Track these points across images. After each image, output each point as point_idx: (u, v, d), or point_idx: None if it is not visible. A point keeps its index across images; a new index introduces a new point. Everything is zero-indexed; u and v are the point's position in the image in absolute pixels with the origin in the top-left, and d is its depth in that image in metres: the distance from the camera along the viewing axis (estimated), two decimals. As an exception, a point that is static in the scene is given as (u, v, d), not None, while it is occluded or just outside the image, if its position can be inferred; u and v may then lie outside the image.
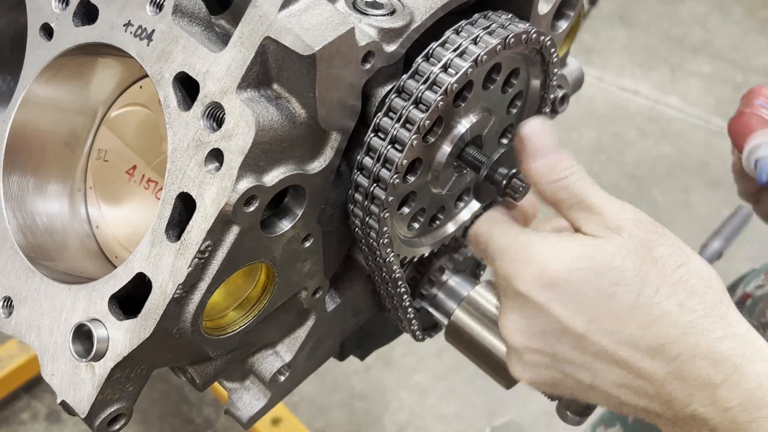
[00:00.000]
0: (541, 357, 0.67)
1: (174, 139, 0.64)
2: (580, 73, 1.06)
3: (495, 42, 0.71)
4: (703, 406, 0.60)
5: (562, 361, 0.66)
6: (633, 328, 0.62)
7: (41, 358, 0.70)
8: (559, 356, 0.66)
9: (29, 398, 2.27)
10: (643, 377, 0.62)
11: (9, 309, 0.73)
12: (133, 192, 0.81)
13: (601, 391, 0.65)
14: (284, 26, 0.61)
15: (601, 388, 0.65)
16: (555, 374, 0.68)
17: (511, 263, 0.67)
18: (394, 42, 0.69)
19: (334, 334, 0.94)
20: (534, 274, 0.64)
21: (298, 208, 0.70)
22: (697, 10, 3.99)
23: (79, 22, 0.73)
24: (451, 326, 0.95)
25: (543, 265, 0.64)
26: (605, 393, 0.66)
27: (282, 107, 0.64)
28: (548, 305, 0.64)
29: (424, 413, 2.32)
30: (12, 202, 0.77)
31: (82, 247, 0.82)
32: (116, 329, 0.66)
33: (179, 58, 0.65)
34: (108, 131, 0.83)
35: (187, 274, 0.63)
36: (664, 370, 0.61)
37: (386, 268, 0.82)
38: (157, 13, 0.67)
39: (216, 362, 0.81)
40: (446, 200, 0.87)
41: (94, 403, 0.67)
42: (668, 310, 0.62)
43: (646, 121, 3.37)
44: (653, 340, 0.61)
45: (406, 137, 0.70)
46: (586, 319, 0.63)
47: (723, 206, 2.95)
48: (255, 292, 0.75)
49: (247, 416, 0.88)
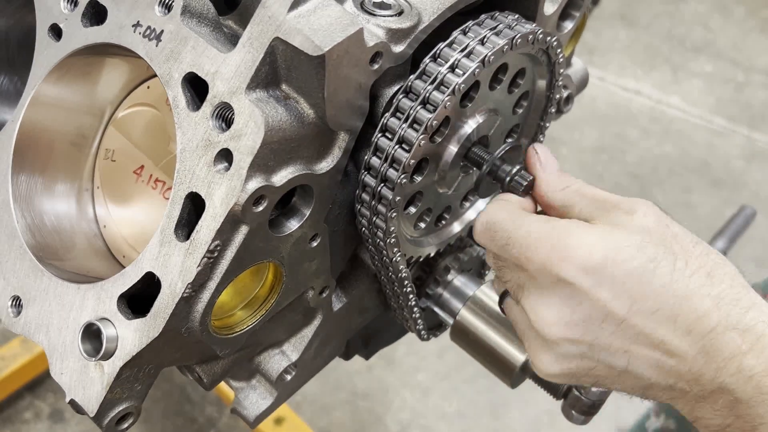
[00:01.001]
0: (578, 347, 0.66)
1: (183, 139, 0.64)
2: (585, 74, 1.07)
3: (502, 42, 0.71)
4: (729, 376, 0.61)
5: (599, 348, 0.65)
6: (671, 304, 0.62)
7: (50, 357, 0.70)
8: (598, 343, 0.65)
9: (32, 397, 2.28)
10: (678, 355, 0.63)
11: (18, 308, 0.73)
12: (141, 192, 0.81)
13: (634, 374, 0.65)
14: (293, 27, 0.61)
15: (635, 372, 0.65)
16: (588, 363, 0.67)
17: (552, 250, 0.65)
18: (402, 42, 0.70)
19: (340, 333, 0.94)
20: (580, 259, 0.64)
21: (306, 208, 0.70)
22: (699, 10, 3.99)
23: (87, 22, 0.73)
24: (457, 326, 0.95)
25: (588, 249, 0.64)
26: (637, 376, 0.66)
27: (291, 107, 0.64)
28: (593, 290, 0.63)
29: (426, 412, 2.33)
30: (21, 202, 0.77)
31: (90, 246, 0.82)
32: (125, 328, 0.66)
33: (188, 59, 0.65)
34: (116, 131, 0.83)
35: (197, 273, 0.63)
36: (698, 345, 0.62)
37: (392, 267, 0.83)
38: (166, 14, 0.67)
39: (223, 361, 0.81)
40: (452, 200, 0.87)
41: (102, 402, 0.67)
42: (700, 282, 0.63)
43: (648, 120, 3.37)
44: (690, 313, 0.62)
45: (414, 137, 0.70)
46: (628, 301, 0.63)
47: (725, 206, 2.96)
48: (263, 291, 0.76)
49: (253, 415, 0.88)
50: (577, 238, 0.65)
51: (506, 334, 0.92)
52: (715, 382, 0.62)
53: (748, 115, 3.42)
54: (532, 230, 0.67)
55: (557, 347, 0.67)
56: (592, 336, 0.65)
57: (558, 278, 0.65)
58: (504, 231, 0.69)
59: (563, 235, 0.65)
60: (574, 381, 0.70)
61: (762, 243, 2.76)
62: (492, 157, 0.77)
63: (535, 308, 0.68)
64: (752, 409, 0.61)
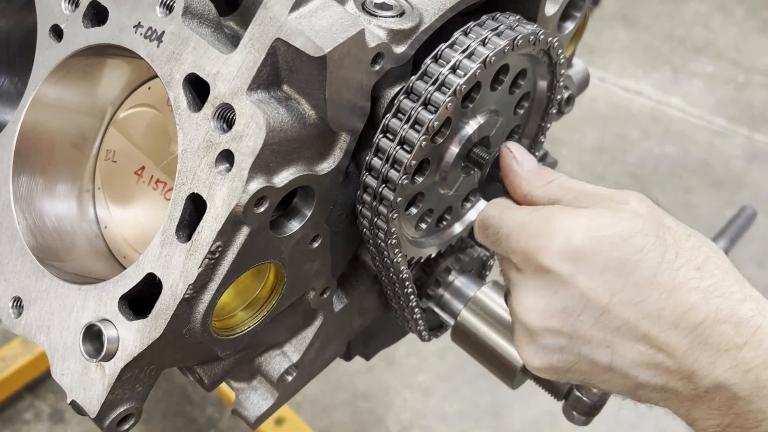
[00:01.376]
0: (557, 338, 0.65)
1: (184, 140, 0.64)
2: (586, 74, 1.07)
3: (503, 43, 0.71)
4: (725, 370, 0.59)
5: (579, 341, 0.64)
6: (656, 298, 0.61)
7: (51, 358, 0.70)
8: (578, 335, 0.63)
9: (33, 398, 2.27)
10: (665, 351, 0.61)
11: (19, 309, 0.73)
12: (142, 193, 0.81)
13: (619, 371, 0.64)
14: (295, 28, 0.61)
15: (619, 369, 0.63)
16: (569, 357, 0.65)
17: (531, 238, 0.64)
18: (403, 43, 0.70)
19: (341, 334, 0.94)
20: (559, 245, 0.62)
21: (308, 209, 0.70)
22: (700, 11, 3.99)
23: (88, 23, 0.73)
24: (458, 326, 0.95)
25: (567, 235, 0.62)
26: (623, 374, 0.64)
27: (292, 108, 0.64)
28: (573, 278, 0.62)
29: (427, 413, 2.32)
30: (21, 203, 0.77)
31: (91, 247, 0.82)
32: (126, 329, 0.66)
33: (189, 60, 0.65)
34: (116, 132, 0.83)
35: (198, 274, 0.63)
36: (687, 340, 0.60)
37: (393, 268, 0.83)
38: (167, 15, 0.67)
39: (224, 362, 0.81)
40: (453, 201, 0.87)
41: (104, 403, 0.67)
42: (689, 276, 0.61)
43: (648, 121, 3.37)
44: (676, 307, 0.60)
45: (415, 138, 0.70)
46: (609, 291, 0.61)
47: (725, 206, 2.95)
48: (264, 292, 0.76)
49: (254, 416, 0.88)
50: (558, 222, 0.63)
51: (507, 335, 0.92)
52: (710, 378, 0.60)
53: (748, 116, 3.42)
54: (516, 221, 0.67)
55: (538, 338, 0.66)
56: (571, 327, 0.63)
57: (537, 266, 0.64)
58: (494, 226, 0.69)
59: (543, 223, 0.64)
60: (560, 376, 0.68)
61: (762, 243, 2.75)
62: (491, 157, 0.77)
63: (519, 297, 0.67)
64: (753, 404, 0.59)
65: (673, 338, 0.61)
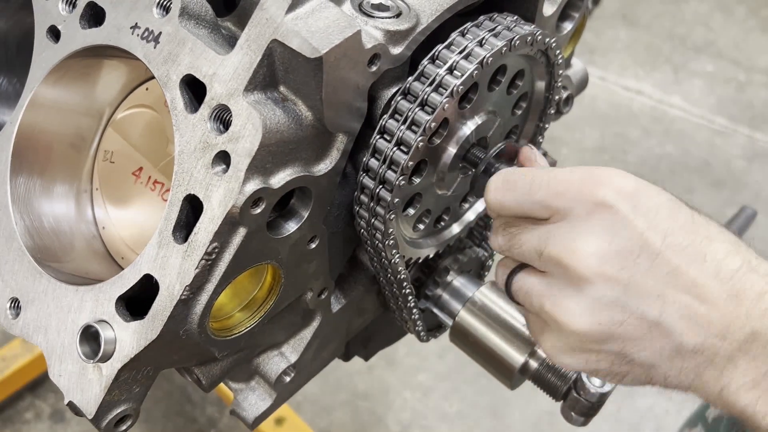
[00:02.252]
0: (612, 288, 0.62)
1: (181, 141, 0.64)
2: (585, 74, 1.07)
3: (500, 44, 0.71)
4: (758, 319, 0.60)
5: (632, 291, 0.61)
6: (699, 242, 0.61)
7: (49, 359, 0.70)
8: (633, 283, 0.61)
9: (33, 398, 2.28)
10: (709, 301, 0.61)
11: (16, 310, 0.73)
12: (140, 193, 0.81)
13: (664, 328, 0.61)
14: (291, 29, 0.61)
15: (666, 324, 0.61)
16: (618, 316, 0.62)
17: (585, 179, 0.63)
18: (400, 44, 0.70)
19: (339, 334, 0.94)
20: (618, 183, 0.62)
21: (305, 210, 0.70)
22: (700, 10, 3.99)
23: (86, 24, 0.73)
24: (456, 327, 0.95)
25: (622, 177, 0.63)
26: (667, 331, 0.61)
27: (288, 109, 0.64)
28: (631, 216, 0.61)
29: (427, 413, 2.32)
30: (19, 204, 0.77)
31: (89, 248, 0.82)
32: (123, 330, 0.66)
33: (186, 61, 0.65)
34: (114, 133, 0.83)
35: (195, 275, 0.63)
36: (726, 288, 0.61)
37: (391, 269, 0.82)
38: (164, 16, 0.67)
39: (222, 363, 0.81)
40: (451, 201, 0.87)
41: (101, 404, 0.67)
42: (718, 229, 0.63)
43: (649, 120, 3.37)
44: (716, 252, 0.61)
45: (412, 139, 0.70)
46: (662, 233, 0.61)
47: (726, 206, 2.95)
48: (261, 293, 0.76)
49: (252, 417, 0.88)
50: (606, 171, 0.64)
51: (506, 335, 0.92)
52: (746, 329, 0.60)
53: (749, 115, 3.42)
54: (557, 172, 0.66)
55: (591, 288, 0.62)
56: (628, 273, 0.61)
57: (596, 202, 0.62)
58: (526, 177, 0.67)
59: (592, 169, 0.64)
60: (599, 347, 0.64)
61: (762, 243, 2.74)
62: (487, 156, 0.77)
63: (570, 245, 0.63)
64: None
65: (715, 288, 0.61)
